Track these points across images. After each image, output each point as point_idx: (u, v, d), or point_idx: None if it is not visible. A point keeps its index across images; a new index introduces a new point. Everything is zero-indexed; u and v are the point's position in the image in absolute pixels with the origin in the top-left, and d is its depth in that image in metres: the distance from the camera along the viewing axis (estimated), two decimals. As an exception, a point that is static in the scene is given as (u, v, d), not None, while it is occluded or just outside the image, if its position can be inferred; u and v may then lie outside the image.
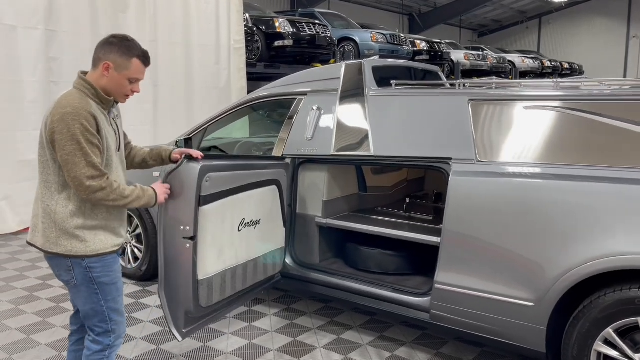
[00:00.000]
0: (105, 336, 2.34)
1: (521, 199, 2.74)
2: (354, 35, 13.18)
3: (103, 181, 2.16)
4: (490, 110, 3.04)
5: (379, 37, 13.10)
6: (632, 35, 28.05)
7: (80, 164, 2.11)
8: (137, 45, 2.29)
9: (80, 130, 2.10)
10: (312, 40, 11.02)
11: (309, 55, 11.31)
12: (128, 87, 2.28)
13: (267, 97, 4.05)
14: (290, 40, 10.69)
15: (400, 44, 13.52)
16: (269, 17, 10.83)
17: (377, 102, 3.46)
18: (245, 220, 3.07)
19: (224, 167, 2.84)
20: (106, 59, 2.23)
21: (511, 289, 2.76)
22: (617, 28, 28.47)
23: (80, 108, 2.12)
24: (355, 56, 12.91)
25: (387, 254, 3.62)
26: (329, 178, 3.77)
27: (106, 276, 2.29)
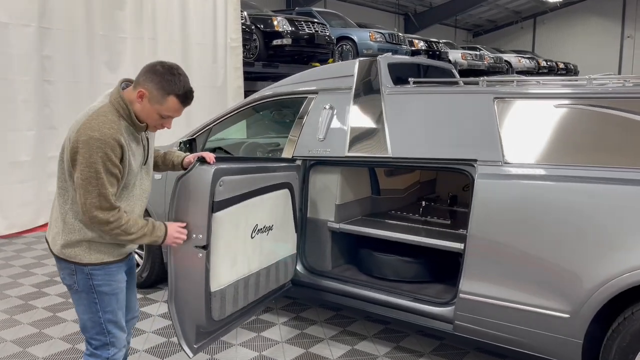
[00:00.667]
0: (104, 349, 2.24)
1: (555, 203, 2.57)
2: (352, 34, 13.01)
3: (111, 215, 2.07)
4: (517, 109, 2.87)
5: (378, 36, 12.94)
6: (627, 35, 28.09)
7: (92, 193, 2.02)
8: (180, 82, 2.11)
9: (102, 159, 2.01)
10: (311, 39, 10.84)
11: (307, 54, 11.13)
12: (159, 121, 2.16)
13: (274, 96, 3.86)
14: (289, 39, 10.50)
15: (399, 43, 13.38)
16: (268, 16, 10.63)
17: (395, 101, 3.28)
18: (258, 226, 2.88)
19: (238, 170, 2.65)
20: (144, 86, 2.09)
21: (545, 299, 2.59)
22: (611, 28, 28.51)
23: (108, 136, 2.02)
24: (354, 55, 12.74)
25: (405, 260, 3.44)
26: (342, 180, 3.58)
27: (107, 285, 2.20)
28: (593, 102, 2.67)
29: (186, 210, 2.43)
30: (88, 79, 6.60)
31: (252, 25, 9.93)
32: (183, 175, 2.45)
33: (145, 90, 2.08)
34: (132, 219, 2.15)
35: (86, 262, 2.14)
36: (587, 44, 28.86)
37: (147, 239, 2.20)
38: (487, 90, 3.00)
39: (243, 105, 4.00)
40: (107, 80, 6.80)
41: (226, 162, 2.66)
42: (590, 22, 29.21)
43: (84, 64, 6.71)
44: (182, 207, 2.43)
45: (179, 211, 2.43)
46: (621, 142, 2.56)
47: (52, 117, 6.51)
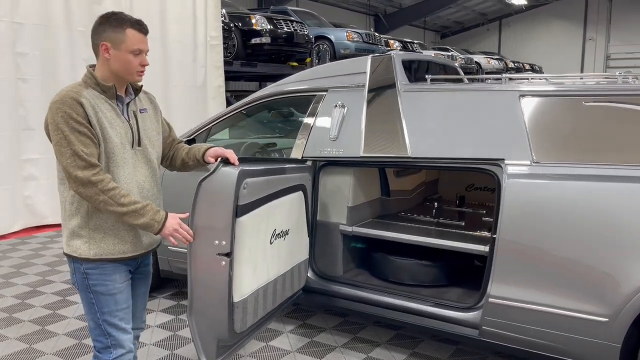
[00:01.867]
0: (106, 352, 2.17)
1: (590, 204, 2.49)
2: (329, 34, 12.89)
3: (92, 174, 1.98)
4: (545, 107, 2.79)
5: (355, 36, 12.86)
6: (589, 38, 28.90)
7: (66, 154, 1.97)
8: (125, 16, 2.13)
9: (63, 118, 1.97)
10: (290, 38, 10.66)
11: (285, 53, 10.95)
12: (135, 62, 2.09)
13: (278, 95, 3.68)
14: (268, 38, 10.29)
15: (376, 43, 13.33)
16: (246, 14, 10.40)
17: (412, 99, 3.16)
18: (276, 231, 2.71)
19: (260, 172, 2.48)
20: (102, 39, 2.08)
21: (581, 303, 2.51)
22: (574, 30, 29.28)
23: (65, 96, 2.00)
24: (331, 55, 12.62)
25: (424, 264, 3.33)
26: (354, 182, 3.44)
27: (102, 285, 2.12)
28: (626, 100, 2.61)
29: (209, 214, 2.24)
30: (67, 76, 6.25)
31: (230, 23, 9.68)
32: (205, 178, 2.26)
33: (105, 41, 2.06)
34: (123, 188, 2.04)
35: (84, 257, 2.07)
36: (550, 45, 29.56)
37: (142, 219, 2.05)
38: (511, 87, 2.91)
39: (244, 104, 3.82)
40: (87, 78, 6.48)
41: (246, 163, 2.48)
42: (554, 25, 29.93)
43: (63, 61, 6.36)
44: (204, 212, 2.25)
45: (200, 216, 2.25)
46: (658, 140, 2.50)
47: (28, 117, 6.15)
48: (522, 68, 24.39)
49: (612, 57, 28.14)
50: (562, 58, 28.58)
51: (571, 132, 2.69)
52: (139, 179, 2.16)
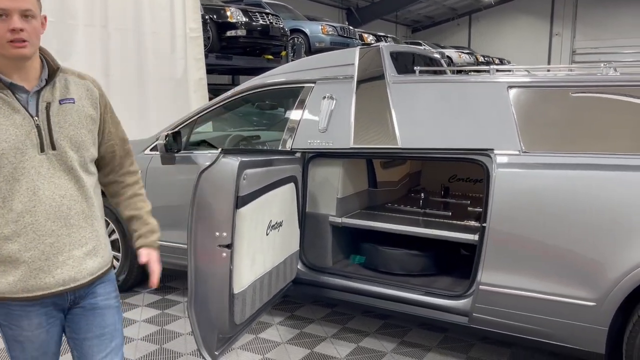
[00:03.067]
0: None
1: (579, 191, 2.57)
2: (304, 27, 12.86)
3: None
4: (533, 98, 2.85)
5: (330, 29, 12.86)
6: (555, 33, 29.56)
7: None
8: None
9: None
10: (266, 31, 10.60)
11: (261, 46, 10.88)
12: (2, 30, 1.54)
13: (265, 87, 3.66)
14: (243, 30, 10.21)
15: (351, 37, 13.36)
16: (220, 6, 10.29)
17: (401, 90, 3.19)
18: (271, 222, 2.71)
19: (259, 163, 2.47)
20: None
21: (569, 288, 2.59)
22: (540, 26, 29.90)
23: None
24: (306, 49, 12.59)
25: (413, 254, 3.37)
26: (343, 173, 3.46)
27: (8, 328, 1.67)
28: (611, 90, 2.69)
29: (210, 206, 2.23)
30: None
31: (205, 15, 9.56)
32: (206, 169, 2.24)
33: None
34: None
35: None
36: (518, 40, 30.12)
37: None
38: (500, 78, 2.96)
39: (229, 96, 3.79)
40: (60, 71, 6.32)
41: (246, 154, 2.47)
42: (522, 20, 30.49)
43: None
44: (205, 203, 2.23)
45: (201, 207, 2.23)
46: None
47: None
48: (492, 62, 24.77)
49: (578, 52, 28.86)
50: (530, 53, 29.17)
51: (559, 122, 2.75)
52: (52, 196, 1.60)
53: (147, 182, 3.86)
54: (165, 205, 3.76)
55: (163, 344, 3.39)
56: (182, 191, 3.65)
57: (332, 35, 12.71)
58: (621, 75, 2.69)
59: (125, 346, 3.31)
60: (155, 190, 3.83)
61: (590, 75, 2.79)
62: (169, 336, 3.49)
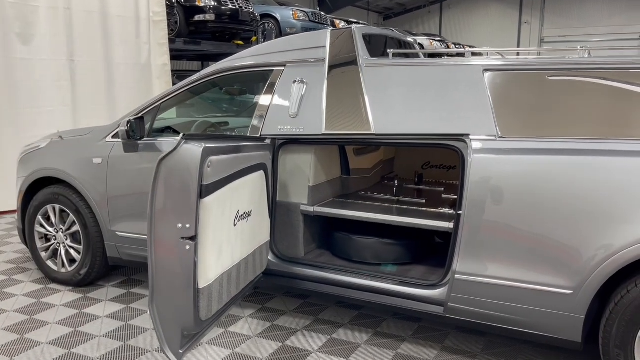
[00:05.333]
0: None
1: (555, 177, 2.50)
2: (275, 12, 12.62)
3: None
4: (509, 81, 2.77)
5: (301, 14, 12.65)
6: (524, 21, 29.86)
7: None
8: None
9: None
10: (235, 15, 10.35)
11: (230, 31, 10.63)
12: None
13: (232, 70, 3.51)
14: (212, 15, 9.95)
15: (322, 23, 13.17)
16: (188, -11, 9.97)
17: (374, 74, 3.07)
18: (239, 212, 2.58)
19: (224, 150, 2.33)
20: None
21: (546, 276, 2.53)
22: (510, 14, 30.16)
23: None
24: (277, 34, 12.37)
25: (387, 243, 3.28)
26: (315, 160, 3.34)
27: None
28: (589, 74, 2.62)
29: (171, 196, 2.08)
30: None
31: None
32: (166, 156, 2.09)
33: None
34: None
35: None
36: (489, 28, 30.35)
37: None
38: (475, 61, 2.87)
39: (195, 80, 3.61)
40: (22, 55, 6.02)
41: (208, 140, 2.33)
42: (492, 8, 30.70)
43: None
44: (165, 193, 2.08)
45: (162, 197, 2.08)
46: (620, 113, 2.53)
47: None
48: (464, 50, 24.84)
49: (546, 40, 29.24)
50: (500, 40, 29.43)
51: (536, 107, 2.68)
52: None
53: (109, 170, 3.68)
54: (128, 194, 3.59)
55: (127, 340, 3.23)
56: (145, 180, 3.48)
57: (303, 21, 12.51)
58: (600, 57, 2.63)
59: (86, 344, 3.16)
60: (117, 180, 3.66)
61: (567, 58, 2.72)
62: (134, 332, 3.33)
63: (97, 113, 6.91)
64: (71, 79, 6.72)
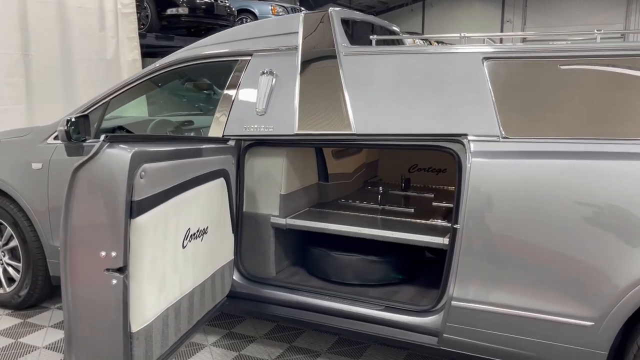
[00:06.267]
0: None
1: (571, 186, 2.08)
2: (253, 7, 12.14)
3: None
4: (514, 72, 2.34)
5: (280, 10, 12.17)
6: (506, 20, 29.77)
7: None
8: None
9: None
10: (210, 9, 9.85)
11: (205, 26, 10.13)
12: None
13: (192, 60, 3.04)
14: (185, 8, 9.46)
15: (303, 18, 12.69)
16: (159, -19, 9.46)
17: (355, 64, 2.63)
18: (190, 230, 2.11)
19: (164, 155, 1.86)
20: None
21: (562, 304, 2.11)
22: (492, 12, 30.05)
23: None
24: (255, 30, 11.86)
25: (369, 260, 2.84)
26: (287, 165, 2.88)
27: None
28: (610, 62, 2.20)
29: (91, 215, 1.60)
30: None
31: (142, -10, 8.76)
32: (83, 164, 1.62)
33: None
34: None
35: None
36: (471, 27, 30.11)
37: None
38: (473, 49, 2.44)
39: (149, 72, 3.13)
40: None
41: (144, 142, 1.86)
42: (474, 7, 30.56)
43: None
44: (84, 212, 1.60)
45: (78, 217, 1.60)
46: (649, 109, 2.12)
47: None
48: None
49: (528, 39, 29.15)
50: (482, 39, 29.26)
51: (546, 101, 2.26)
52: None
53: (50, 177, 3.18)
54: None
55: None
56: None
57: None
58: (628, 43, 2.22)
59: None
60: (60, 188, 3.15)
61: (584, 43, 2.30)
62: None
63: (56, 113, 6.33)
64: (26, 74, 6.16)
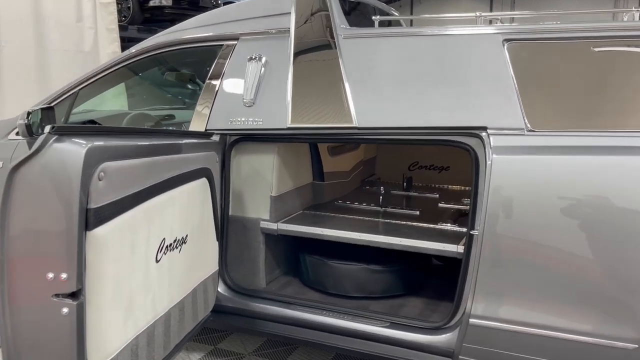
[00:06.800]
0: None
1: (611, 187, 1.80)
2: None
3: None
4: (541, 55, 2.05)
5: (268, 2, 11.81)
6: (496, 18, 29.70)
7: None
8: None
9: None
10: (195, 1, 9.47)
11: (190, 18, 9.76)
12: None
13: (171, 45, 2.72)
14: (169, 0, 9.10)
15: (291, 12, 12.36)
16: (142, -30, 9.09)
17: (356, 48, 2.32)
18: (166, 241, 1.79)
19: (130, 151, 1.53)
20: None
21: (602, 324, 1.83)
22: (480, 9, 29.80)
23: None
24: (242, 23, 11.51)
25: (372, 269, 2.53)
26: (279, 163, 2.56)
27: None
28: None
29: (33, 227, 1.27)
30: None
31: (123, -19, 8.39)
32: (24, 162, 1.28)
33: None
34: None
35: None
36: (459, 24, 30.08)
37: None
38: (492, 30, 2.14)
39: (124, 59, 2.80)
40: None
41: (105, 136, 1.53)
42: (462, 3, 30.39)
43: None
44: (23, 223, 1.27)
45: (18, 230, 1.27)
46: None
47: None
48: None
49: (547, 19, 29.18)
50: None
51: (579, 89, 1.97)
52: None
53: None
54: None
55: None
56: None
57: (269, 9, 11.68)
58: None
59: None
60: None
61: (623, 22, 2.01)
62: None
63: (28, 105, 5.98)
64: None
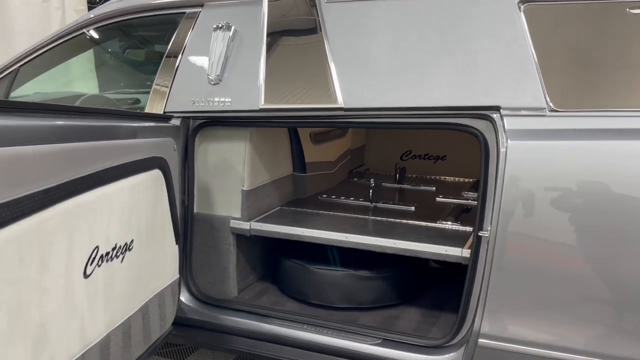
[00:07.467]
0: None
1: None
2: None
3: None
4: (563, 20, 1.70)
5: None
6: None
7: None
8: None
9: None
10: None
11: (169, 3, 9.33)
12: None
13: (124, 14, 2.34)
14: (145, -18, 8.65)
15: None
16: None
17: (342, 14, 1.95)
18: (99, 250, 1.41)
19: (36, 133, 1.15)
20: None
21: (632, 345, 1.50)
22: None
23: None
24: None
25: (362, 276, 2.18)
26: (251, 151, 2.19)
27: None
28: None
29: None
30: None
31: (95, -41, 7.92)
32: None
33: None
34: None
35: None
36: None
37: None
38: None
39: (70, 32, 2.42)
40: None
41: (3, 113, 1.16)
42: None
43: None
44: None
45: None
46: None
47: None
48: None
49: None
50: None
51: (612, 60, 1.63)
52: None
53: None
54: None
55: None
56: None
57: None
58: None
59: None
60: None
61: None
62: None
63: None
64: (-47, 50, 5.35)
